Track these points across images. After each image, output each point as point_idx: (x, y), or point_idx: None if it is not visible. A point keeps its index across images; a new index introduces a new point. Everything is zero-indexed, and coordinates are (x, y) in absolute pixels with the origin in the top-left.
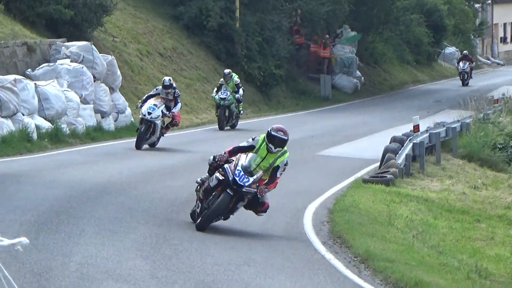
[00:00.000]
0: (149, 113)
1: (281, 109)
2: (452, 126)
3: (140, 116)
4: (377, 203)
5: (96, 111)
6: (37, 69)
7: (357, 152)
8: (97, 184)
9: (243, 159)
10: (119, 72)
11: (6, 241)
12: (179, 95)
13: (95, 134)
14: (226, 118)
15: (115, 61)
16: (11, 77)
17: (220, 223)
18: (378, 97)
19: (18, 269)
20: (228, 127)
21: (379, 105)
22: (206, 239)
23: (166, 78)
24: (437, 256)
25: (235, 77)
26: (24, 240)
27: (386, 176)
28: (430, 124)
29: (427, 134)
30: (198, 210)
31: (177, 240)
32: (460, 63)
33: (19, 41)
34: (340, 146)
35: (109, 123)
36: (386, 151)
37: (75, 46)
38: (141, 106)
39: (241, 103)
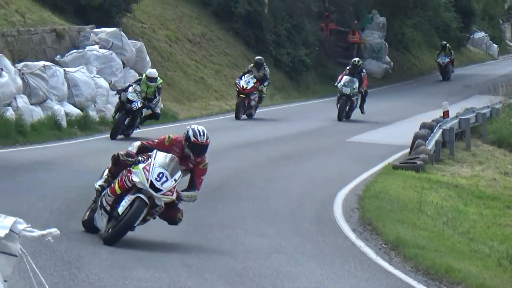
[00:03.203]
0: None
1: (311, 94)
2: (482, 111)
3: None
4: (407, 189)
5: None
6: (66, 56)
7: (387, 138)
8: None
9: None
10: (148, 58)
11: (36, 232)
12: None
13: None
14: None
15: (144, 47)
16: (41, 63)
17: (248, 209)
18: (407, 82)
19: (49, 258)
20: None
21: (408, 91)
22: (237, 226)
23: None
24: (468, 243)
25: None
26: (54, 231)
27: (416, 162)
28: (460, 110)
29: (457, 120)
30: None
31: (207, 228)
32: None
33: (48, 27)
34: (370, 132)
35: None
36: (416, 137)
37: (104, 32)
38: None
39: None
